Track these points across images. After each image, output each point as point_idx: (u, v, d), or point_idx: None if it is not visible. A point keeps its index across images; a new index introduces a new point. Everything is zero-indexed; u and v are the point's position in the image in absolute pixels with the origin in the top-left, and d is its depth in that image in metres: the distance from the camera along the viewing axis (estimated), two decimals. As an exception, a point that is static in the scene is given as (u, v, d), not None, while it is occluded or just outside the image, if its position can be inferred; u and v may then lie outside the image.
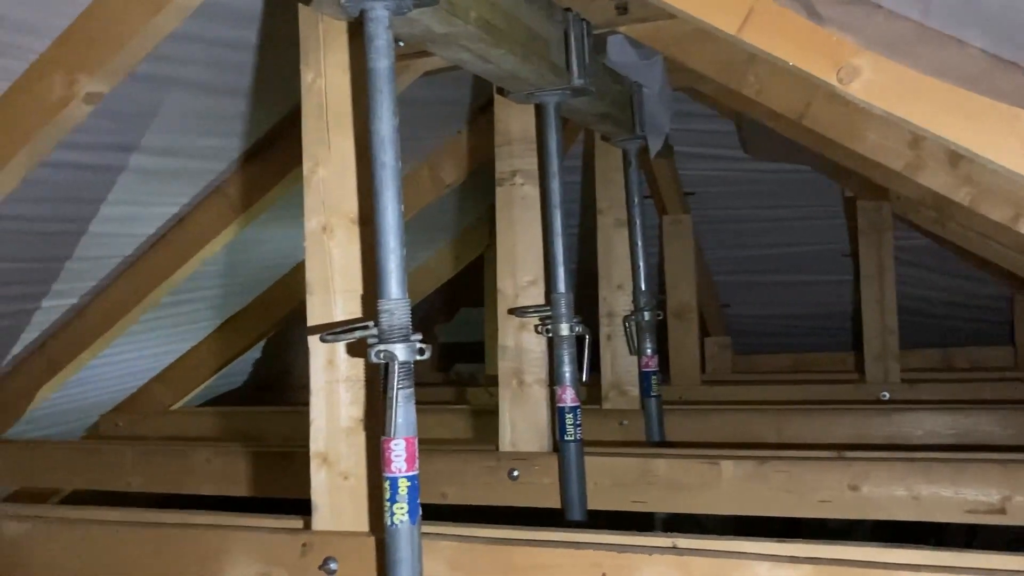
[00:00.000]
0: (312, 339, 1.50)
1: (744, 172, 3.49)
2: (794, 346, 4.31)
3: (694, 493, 2.01)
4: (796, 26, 1.26)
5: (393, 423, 1.29)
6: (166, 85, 1.97)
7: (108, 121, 1.92)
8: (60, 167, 1.96)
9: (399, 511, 1.29)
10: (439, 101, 2.78)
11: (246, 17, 1.91)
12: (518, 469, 2.07)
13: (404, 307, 1.35)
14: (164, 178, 2.28)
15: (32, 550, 1.65)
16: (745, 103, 2.40)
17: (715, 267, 4.09)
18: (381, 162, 1.35)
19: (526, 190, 2.18)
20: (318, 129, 1.52)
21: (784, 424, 2.59)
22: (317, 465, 1.49)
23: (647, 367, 2.62)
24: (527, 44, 1.78)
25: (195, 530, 1.54)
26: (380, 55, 1.34)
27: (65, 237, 2.24)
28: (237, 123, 2.25)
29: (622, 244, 2.77)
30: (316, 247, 1.52)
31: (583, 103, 2.16)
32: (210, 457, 2.37)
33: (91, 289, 2.51)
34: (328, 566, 1.42)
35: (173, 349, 3.19)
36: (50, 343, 2.60)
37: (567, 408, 1.99)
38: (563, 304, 2.01)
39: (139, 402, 3.27)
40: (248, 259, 2.97)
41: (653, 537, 1.36)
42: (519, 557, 1.35)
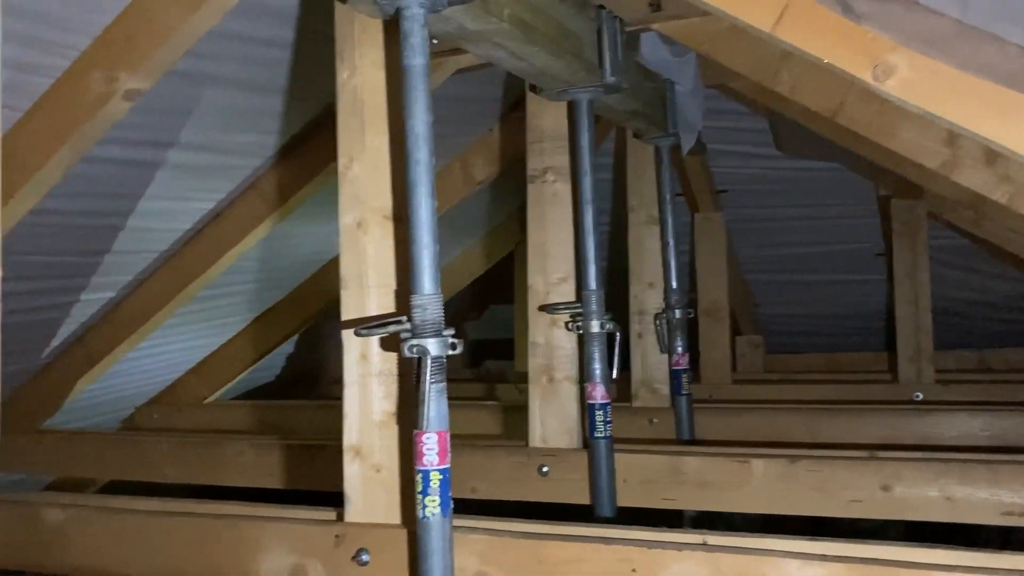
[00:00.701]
0: (346, 333, 1.52)
1: (777, 170, 3.46)
2: (826, 346, 4.28)
3: (724, 491, 2.01)
4: (831, 23, 1.25)
5: (426, 417, 1.31)
6: (203, 82, 2.00)
7: (147, 117, 1.95)
8: (100, 163, 1.99)
9: (431, 504, 1.30)
10: (471, 98, 2.80)
11: (282, 15, 1.93)
12: (548, 465, 2.08)
13: (437, 302, 1.36)
14: (201, 174, 2.31)
15: (73, 537, 1.69)
16: (778, 101, 2.38)
17: (747, 265, 4.06)
18: (415, 159, 1.36)
19: (557, 187, 2.19)
20: (353, 126, 1.53)
21: (815, 424, 2.57)
22: (350, 458, 1.51)
23: (678, 365, 2.61)
24: (560, 41, 1.79)
25: (231, 521, 1.56)
26: (415, 53, 1.35)
27: (104, 231, 2.28)
28: (272, 120, 2.28)
29: (653, 242, 2.77)
30: (350, 243, 1.54)
31: (615, 100, 2.16)
32: (243, 449, 2.40)
33: (129, 283, 2.56)
34: (360, 557, 1.44)
35: (208, 343, 3.23)
36: (88, 336, 2.65)
37: (597, 405, 2.00)
38: (594, 301, 2.02)
39: (174, 395, 3.32)
40: (282, 254, 3.00)
41: (683, 534, 1.36)
42: (549, 551, 1.36)
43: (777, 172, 3.49)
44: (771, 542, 1.31)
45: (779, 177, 3.53)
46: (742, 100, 2.98)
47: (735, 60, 2.10)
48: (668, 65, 2.46)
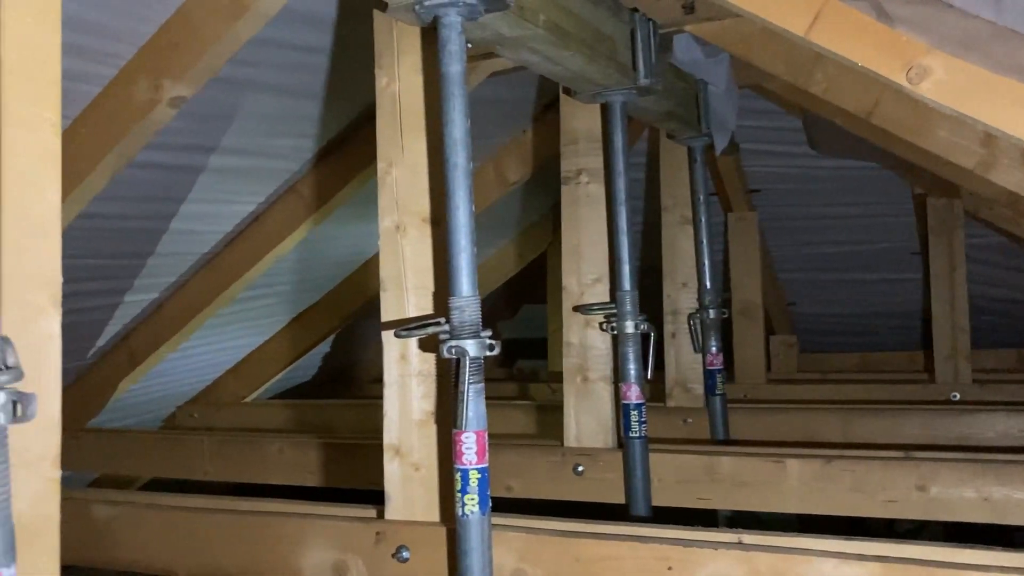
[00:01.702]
0: (386, 334, 1.55)
1: (811, 169, 3.45)
2: (862, 345, 4.25)
3: (759, 491, 2.02)
4: (865, 27, 1.26)
5: (464, 416, 1.33)
6: (244, 88, 2.04)
7: (190, 123, 1.99)
8: (144, 167, 2.04)
9: (470, 502, 1.33)
10: (504, 100, 2.82)
11: (320, 22, 1.96)
12: (583, 464, 2.10)
13: (475, 304, 1.39)
14: (241, 177, 2.36)
15: (121, 533, 1.74)
16: (812, 100, 2.38)
17: (781, 265, 4.04)
18: (453, 163, 1.39)
19: (591, 188, 2.21)
20: (392, 131, 1.56)
21: (850, 424, 2.56)
22: (390, 456, 1.54)
23: (712, 365, 2.62)
24: (594, 45, 1.81)
25: (275, 518, 1.60)
26: (453, 59, 1.38)
27: (148, 234, 2.33)
28: (311, 124, 2.32)
29: (687, 241, 2.77)
30: (389, 245, 1.57)
31: (649, 102, 2.17)
32: (283, 448, 2.45)
33: (171, 284, 2.61)
34: (401, 554, 1.47)
35: (247, 343, 3.28)
36: (132, 336, 2.71)
37: (632, 405, 2.01)
38: (628, 302, 2.03)
39: (214, 394, 3.38)
40: (319, 256, 3.04)
41: (719, 533, 1.37)
42: (586, 549, 1.38)
43: (811, 171, 3.47)
44: (807, 541, 1.32)
45: (813, 176, 3.52)
46: (775, 99, 2.97)
47: (768, 61, 2.10)
48: (701, 66, 2.46)
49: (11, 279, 0.83)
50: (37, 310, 0.86)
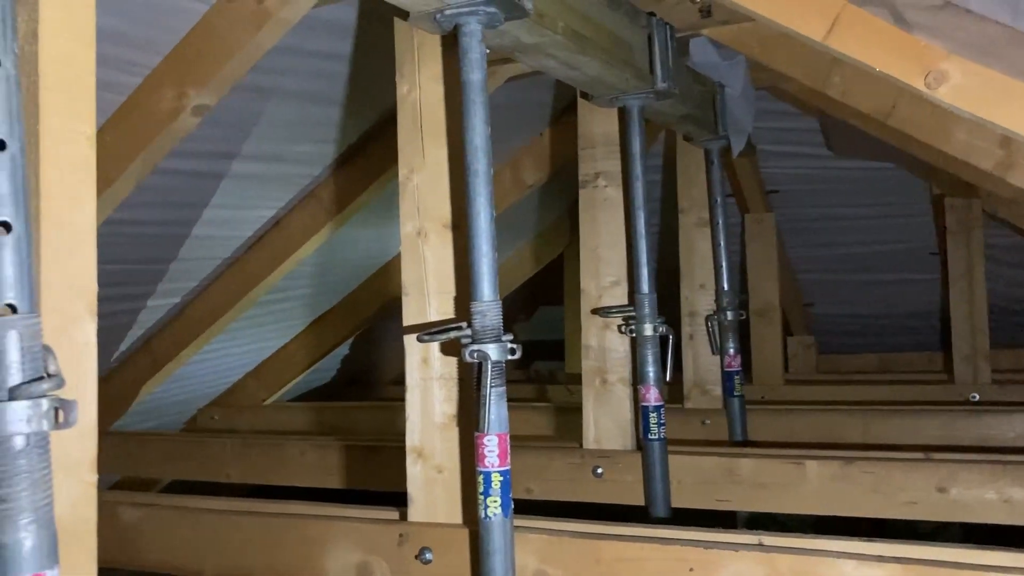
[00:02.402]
0: (408, 338, 1.56)
1: (828, 170, 3.45)
2: (880, 346, 4.24)
3: (778, 493, 2.02)
4: (883, 32, 1.27)
5: (486, 420, 1.35)
6: (266, 95, 2.06)
7: (212, 130, 2.02)
8: (168, 174, 2.07)
9: (492, 504, 1.35)
10: (521, 104, 2.84)
11: (341, 29, 1.99)
12: (602, 466, 2.12)
13: (496, 309, 1.40)
14: (262, 183, 2.39)
15: (146, 535, 1.76)
16: (829, 103, 2.39)
17: (799, 266, 4.04)
18: (474, 170, 1.41)
19: (609, 192, 2.22)
20: (413, 138, 1.58)
21: (870, 425, 2.56)
22: (413, 459, 1.56)
23: (730, 367, 2.62)
24: (612, 50, 1.82)
25: (299, 520, 1.62)
26: (474, 67, 1.40)
27: (170, 240, 2.36)
28: (331, 130, 2.35)
29: (704, 243, 2.78)
30: (411, 251, 1.59)
31: (666, 105, 2.18)
32: (304, 450, 2.47)
33: (193, 289, 2.64)
34: (424, 556, 1.49)
35: (267, 346, 3.32)
36: (154, 340, 2.74)
37: (651, 407, 2.02)
38: (647, 304, 2.05)
39: (234, 397, 3.41)
40: (338, 260, 3.07)
41: (739, 534, 1.38)
42: (607, 551, 1.40)
43: (828, 172, 3.48)
44: (827, 543, 1.33)
45: (830, 177, 3.52)
46: (791, 101, 2.98)
47: (785, 64, 2.11)
48: (718, 68, 2.47)
49: (49, 288, 0.85)
50: (74, 318, 0.88)
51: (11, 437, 0.72)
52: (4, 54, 0.73)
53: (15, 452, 0.72)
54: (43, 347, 0.75)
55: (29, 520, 0.73)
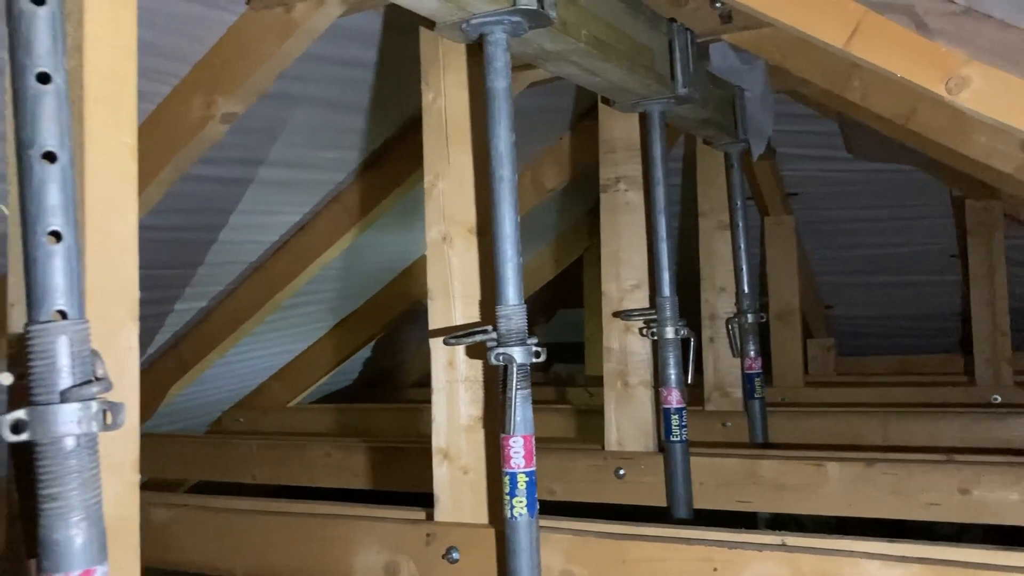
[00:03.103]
0: (434, 341, 1.59)
1: (847, 172, 3.45)
2: (900, 348, 4.23)
3: (800, 494, 2.04)
4: (903, 39, 1.28)
5: (512, 421, 1.38)
6: (292, 102, 2.09)
7: (239, 137, 2.05)
8: (196, 180, 2.10)
9: (518, 504, 1.37)
10: (542, 108, 2.86)
11: (366, 37, 2.01)
12: (624, 468, 2.13)
13: (521, 312, 1.43)
14: (287, 189, 2.42)
15: (177, 535, 1.79)
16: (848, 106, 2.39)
17: (818, 268, 4.04)
18: (499, 176, 1.43)
19: (630, 196, 2.24)
20: (438, 145, 1.61)
21: (890, 427, 2.57)
22: (439, 460, 1.58)
23: (750, 369, 2.64)
24: (633, 56, 1.84)
25: (327, 520, 1.65)
26: (499, 75, 1.42)
27: (198, 245, 2.40)
28: (354, 136, 2.38)
29: (724, 246, 2.79)
30: (437, 256, 1.61)
31: (687, 110, 2.20)
32: (329, 451, 2.50)
33: (219, 293, 2.68)
34: (451, 555, 1.51)
35: (291, 349, 3.35)
36: (182, 343, 2.78)
37: (673, 409, 2.04)
38: (668, 308, 2.06)
39: (258, 399, 3.45)
40: (360, 263, 3.10)
41: (762, 535, 1.40)
42: (632, 551, 1.42)
43: (847, 174, 3.48)
44: (850, 543, 1.34)
45: (850, 179, 3.52)
46: (811, 104, 2.98)
47: (805, 68, 2.12)
48: (737, 72, 2.49)
49: (94, 294, 0.88)
50: (118, 324, 0.91)
51: (62, 438, 0.75)
52: (55, 70, 0.76)
53: (66, 452, 0.75)
54: (91, 351, 0.78)
55: (80, 518, 0.75)
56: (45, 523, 0.75)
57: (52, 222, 0.76)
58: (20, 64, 0.76)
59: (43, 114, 0.76)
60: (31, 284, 0.76)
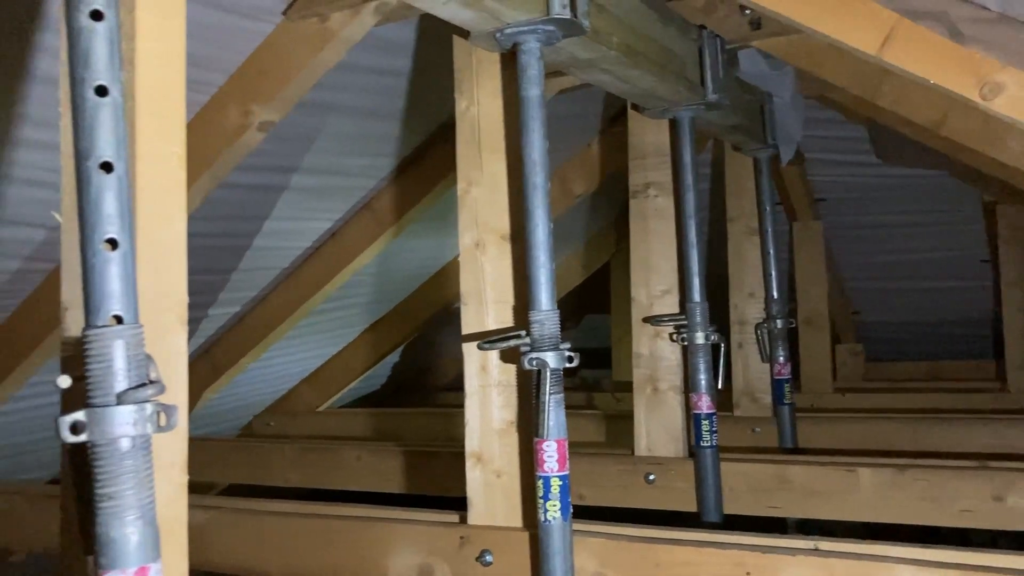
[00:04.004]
0: (467, 346, 1.61)
1: (877, 177, 3.44)
2: (929, 354, 4.20)
3: (830, 500, 2.03)
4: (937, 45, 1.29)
5: (546, 426, 1.39)
6: (326, 111, 2.12)
7: (274, 144, 2.08)
8: (231, 187, 2.14)
9: (552, 508, 1.39)
10: (570, 115, 2.87)
11: (400, 46, 2.04)
12: (654, 473, 2.14)
13: (554, 318, 1.45)
14: (320, 195, 2.45)
15: (214, 536, 1.82)
16: (878, 111, 2.39)
17: (847, 273, 4.03)
18: (533, 183, 1.45)
19: (659, 202, 2.25)
20: (471, 152, 1.63)
21: (921, 433, 2.56)
22: (472, 464, 1.60)
23: (780, 375, 2.63)
24: (664, 63, 1.85)
25: (361, 522, 1.67)
26: (532, 84, 1.44)
27: (232, 251, 2.44)
28: (386, 143, 2.40)
29: (753, 252, 2.79)
30: (470, 262, 1.63)
31: (716, 116, 2.21)
32: (361, 455, 2.53)
33: (252, 299, 2.72)
34: (484, 558, 1.53)
35: (321, 353, 3.39)
36: (215, 348, 2.82)
37: (703, 415, 2.05)
38: (698, 313, 2.07)
39: (289, 403, 3.49)
40: (391, 269, 3.13)
41: (795, 539, 1.40)
42: (664, 555, 1.42)
43: (877, 179, 3.46)
44: (884, 548, 1.34)
45: (879, 184, 3.50)
46: (840, 109, 2.98)
47: (835, 74, 2.12)
48: (766, 78, 2.49)
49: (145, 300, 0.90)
50: (167, 328, 0.93)
51: (118, 439, 0.77)
52: (112, 83, 0.79)
53: (122, 453, 0.77)
54: (145, 355, 0.81)
55: (135, 517, 0.78)
56: (102, 521, 0.77)
57: (109, 230, 0.78)
58: (79, 77, 0.78)
59: (101, 126, 0.78)
60: (88, 290, 0.79)
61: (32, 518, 2.07)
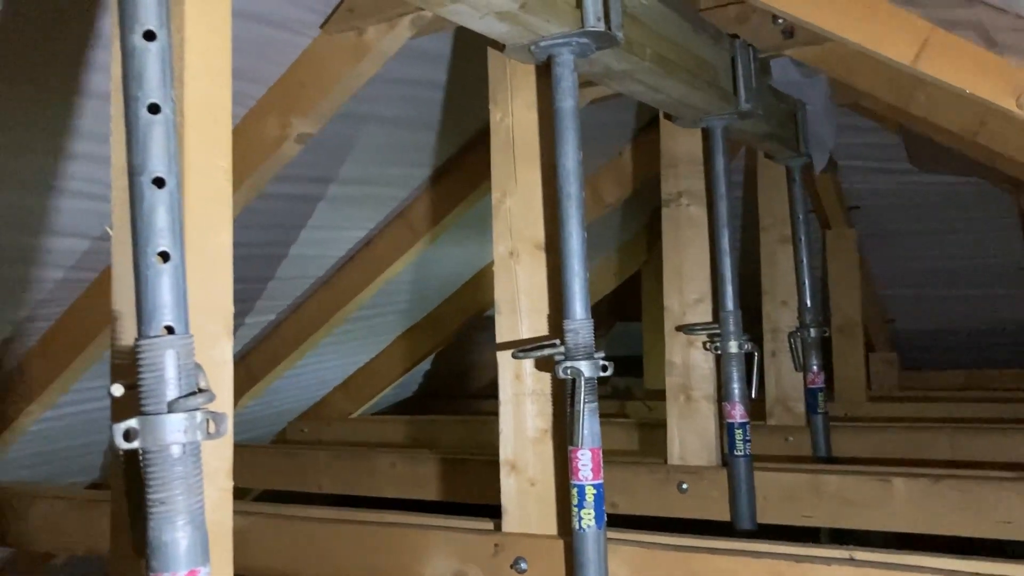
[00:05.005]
0: (502, 355, 1.62)
1: (911, 185, 3.41)
2: (965, 362, 4.15)
3: (865, 509, 2.02)
4: (972, 55, 1.29)
5: (580, 434, 1.40)
6: (363, 121, 2.15)
7: (310, 155, 2.11)
8: (268, 198, 2.17)
9: (586, 516, 1.40)
10: (602, 123, 2.88)
11: (435, 58, 2.07)
12: (687, 482, 2.14)
13: (588, 326, 1.46)
14: (355, 204, 2.48)
15: (252, 542, 1.85)
16: (912, 119, 2.38)
17: (882, 281, 3.99)
18: (567, 193, 1.47)
19: (692, 210, 2.25)
20: (506, 163, 1.65)
21: (958, 443, 2.53)
22: (506, 471, 1.61)
23: (813, 384, 2.62)
24: (696, 73, 1.86)
25: (396, 529, 1.69)
26: (566, 95, 1.46)
27: (269, 260, 2.47)
28: (421, 153, 2.43)
29: (786, 260, 2.79)
30: (504, 271, 1.65)
31: (749, 125, 2.21)
32: (395, 462, 2.55)
33: (287, 307, 2.75)
34: (519, 565, 1.54)
35: (354, 361, 3.42)
36: (250, 356, 2.86)
37: (736, 424, 2.05)
38: (732, 322, 2.07)
39: (322, 410, 3.52)
40: (422, 276, 3.16)
41: (830, 549, 1.40)
42: (698, 564, 1.43)
43: (911, 186, 3.44)
44: (919, 559, 1.34)
45: (913, 191, 3.48)
46: (873, 117, 2.96)
47: (868, 83, 2.12)
48: (799, 86, 2.49)
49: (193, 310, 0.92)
50: (214, 338, 0.96)
51: (170, 446, 0.80)
52: (163, 101, 0.82)
53: (173, 459, 0.80)
54: (195, 364, 0.83)
55: (185, 521, 0.80)
56: (153, 526, 0.79)
57: (161, 243, 0.81)
58: (132, 95, 0.81)
59: (153, 142, 0.81)
60: (141, 301, 0.81)
61: (73, 522, 2.11)
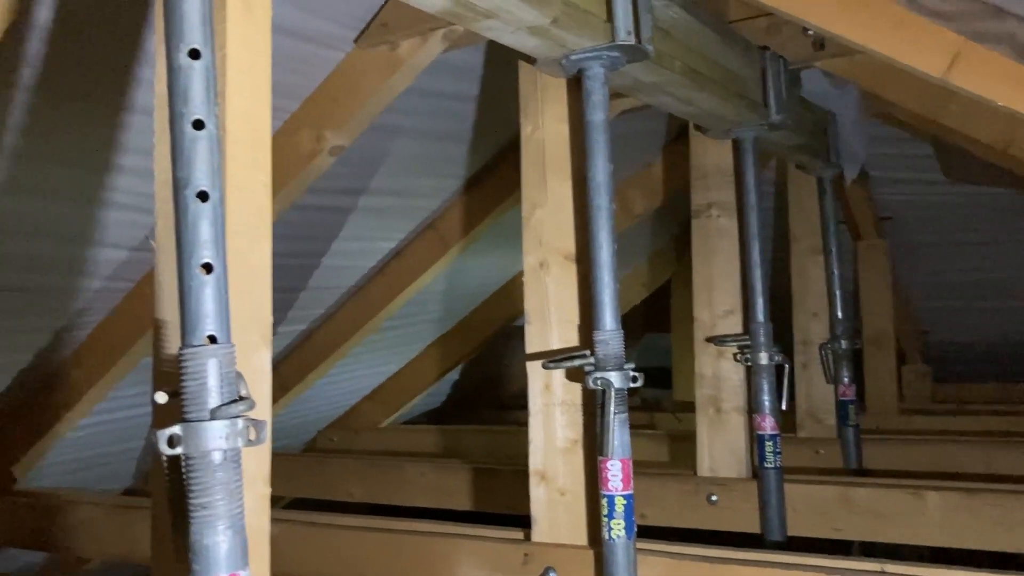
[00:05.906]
0: (531, 365, 1.64)
1: (943, 195, 3.38)
2: (999, 375, 4.10)
3: (896, 523, 2.01)
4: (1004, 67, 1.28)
5: (610, 445, 1.41)
6: (395, 134, 2.18)
7: (343, 167, 2.14)
8: (301, 209, 2.20)
9: (616, 527, 1.41)
10: (631, 134, 2.89)
11: (467, 71, 2.09)
12: (716, 494, 2.14)
13: (618, 338, 1.47)
14: (386, 216, 2.51)
15: (284, 549, 1.87)
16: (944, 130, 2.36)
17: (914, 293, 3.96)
18: (597, 205, 1.48)
19: (722, 222, 2.26)
20: (536, 176, 1.66)
21: (992, 457, 2.50)
22: (536, 482, 1.62)
23: (844, 396, 2.61)
24: (727, 84, 1.87)
25: (427, 537, 1.71)
26: (597, 109, 1.47)
27: (301, 270, 2.50)
28: (451, 165, 2.46)
29: (817, 271, 2.77)
30: (534, 282, 1.66)
31: (780, 136, 2.21)
32: (425, 471, 2.57)
33: (319, 316, 2.79)
34: (548, 575, 1.55)
35: (384, 370, 3.44)
36: (282, 365, 2.89)
37: (767, 436, 2.04)
38: (762, 334, 2.07)
39: (352, 419, 3.55)
40: (452, 287, 3.18)
41: (861, 562, 1.40)
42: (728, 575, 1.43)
43: (943, 197, 3.41)
44: (952, 573, 1.33)
45: (945, 202, 3.45)
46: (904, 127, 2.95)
47: (899, 94, 2.11)
48: (829, 97, 2.49)
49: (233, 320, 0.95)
50: (253, 347, 0.98)
51: (211, 452, 0.82)
52: (207, 117, 0.84)
53: (215, 466, 0.82)
54: (236, 373, 0.85)
55: (226, 526, 0.82)
56: (195, 530, 0.81)
57: (204, 255, 0.83)
58: (177, 112, 0.84)
59: (198, 157, 0.83)
60: (185, 311, 0.83)
61: (108, 527, 2.15)
